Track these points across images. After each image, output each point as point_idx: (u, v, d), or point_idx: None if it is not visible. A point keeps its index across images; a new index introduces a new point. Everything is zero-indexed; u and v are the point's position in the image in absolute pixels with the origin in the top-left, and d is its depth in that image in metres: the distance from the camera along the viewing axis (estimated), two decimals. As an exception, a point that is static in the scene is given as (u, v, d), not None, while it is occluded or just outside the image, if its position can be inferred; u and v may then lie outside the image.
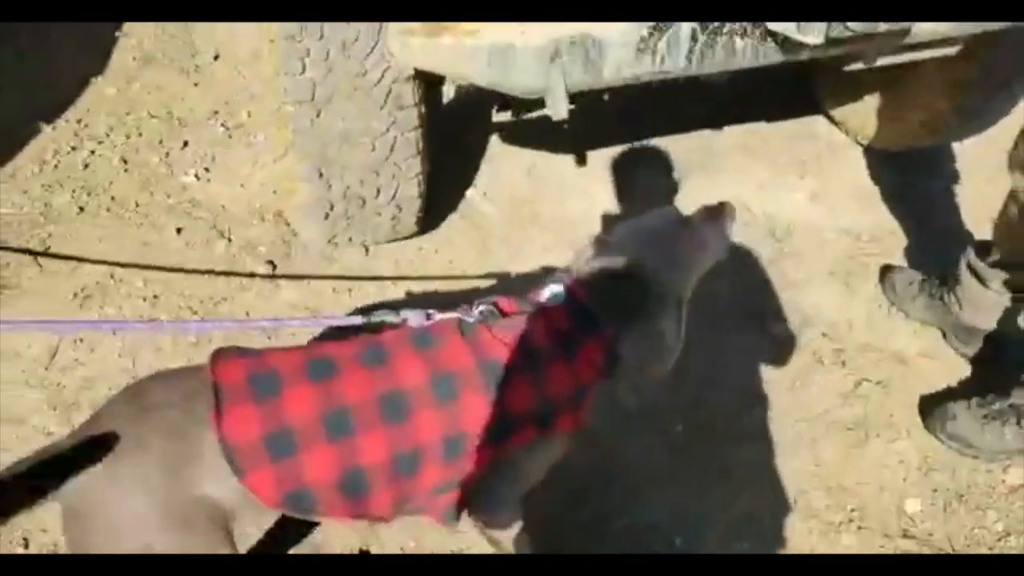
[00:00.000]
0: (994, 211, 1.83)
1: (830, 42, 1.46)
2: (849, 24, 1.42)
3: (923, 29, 1.55)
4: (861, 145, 2.56)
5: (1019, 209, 1.68)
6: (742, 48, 1.54)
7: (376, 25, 1.67)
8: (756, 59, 1.57)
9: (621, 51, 1.49)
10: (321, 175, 1.86)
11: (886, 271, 2.14)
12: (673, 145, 2.59)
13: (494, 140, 2.55)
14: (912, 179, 2.47)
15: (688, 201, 2.28)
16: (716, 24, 1.50)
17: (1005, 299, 1.84)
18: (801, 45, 1.48)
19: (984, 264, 1.83)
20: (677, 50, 1.51)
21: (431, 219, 2.19)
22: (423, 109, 1.82)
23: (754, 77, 1.81)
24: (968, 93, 2.14)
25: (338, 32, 1.66)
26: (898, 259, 2.22)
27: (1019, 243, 1.71)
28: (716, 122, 2.63)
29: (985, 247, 1.84)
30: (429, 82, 1.83)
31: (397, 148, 1.83)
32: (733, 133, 2.63)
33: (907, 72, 2.20)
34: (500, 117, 2.06)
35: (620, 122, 2.56)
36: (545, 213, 2.32)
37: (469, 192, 2.37)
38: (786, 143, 2.61)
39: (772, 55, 1.57)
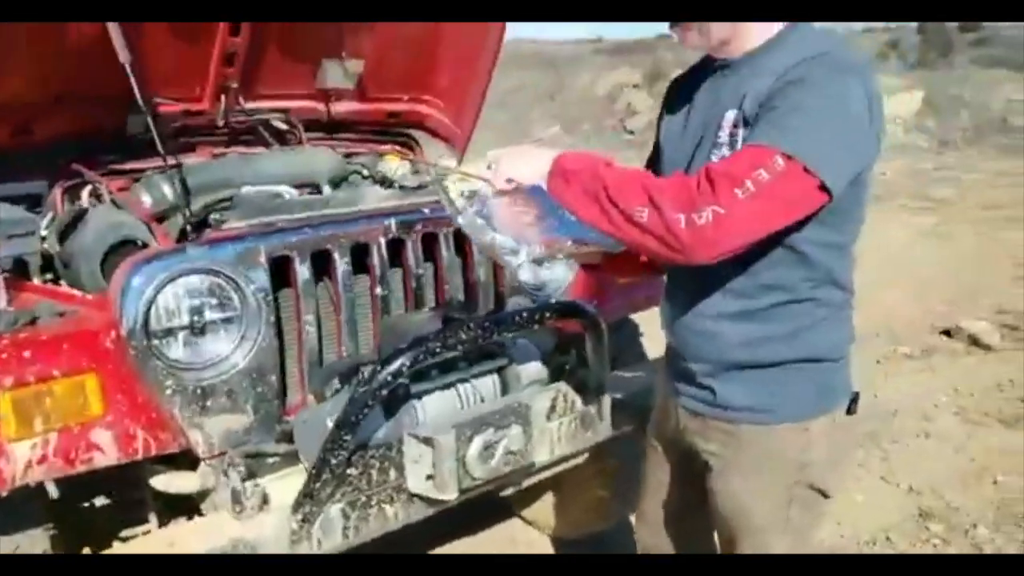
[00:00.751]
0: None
1: (463, 492, 1.68)
2: (475, 477, 1.66)
3: (540, 460, 1.84)
4: (551, 537, 2.79)
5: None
6: (393, 513, 1.69)
7: None
8: (408, 517, 1.73)
9: (275, 548, 1.55)
10: None
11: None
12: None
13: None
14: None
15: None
16: (364, 499, 1.65)
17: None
18: (442, 500, 1.68)
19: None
20: (332, 531, 1.61)
21: None
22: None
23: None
24: (615, 480, 2.50)
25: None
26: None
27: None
28: (427, 545, 2.72)
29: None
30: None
31: None
32: (442, 551, 2.73)
33: (566, 473, 2.54)
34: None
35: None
36: None
37: None
38: (490, 550, 2.75)
39: (422, 511, 1.74)
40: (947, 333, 4.77)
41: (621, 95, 14.55)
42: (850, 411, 1.46)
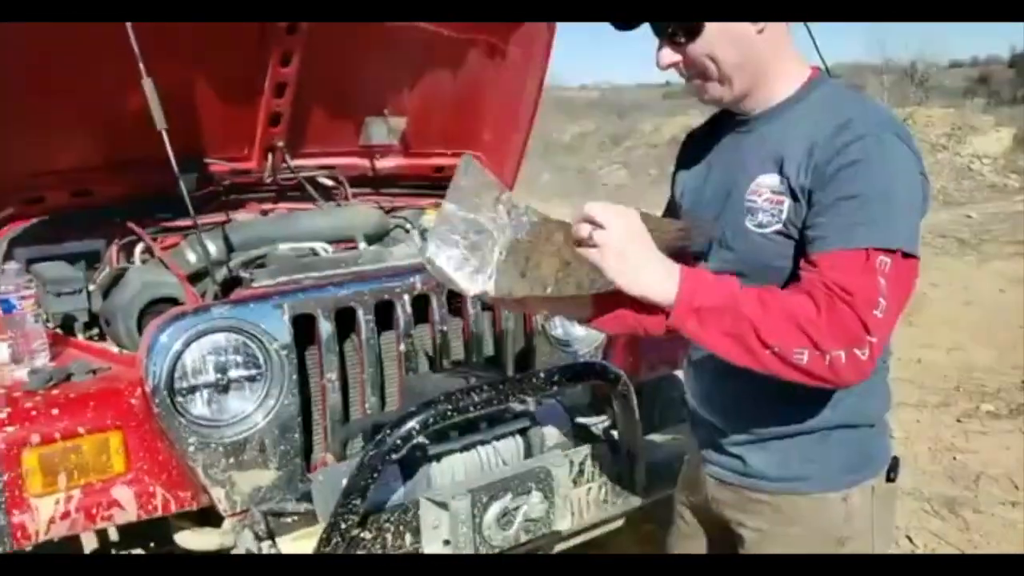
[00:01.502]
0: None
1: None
2: (493, 544, 1.61)
3: (565, 528, 1.77)
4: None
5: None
6: None
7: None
8: None
9: (285, 612, 1.53)
10: None
11: None
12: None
13: None
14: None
15: None
16: None
17: None
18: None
19: None
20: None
21: None
22: None
23: None
24: (656, 547, 2.38)
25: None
26: None
27: None
28: None
29: None
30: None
31: None
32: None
33: (602, 539, 2.44)
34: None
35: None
36: None
37: None
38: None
39: (440, 578, 1.69)
40: (1038, 390, 4.41)
41: (687, 139, 14.43)
42: (890, 478, 1.37)
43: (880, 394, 1.36)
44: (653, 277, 1.13)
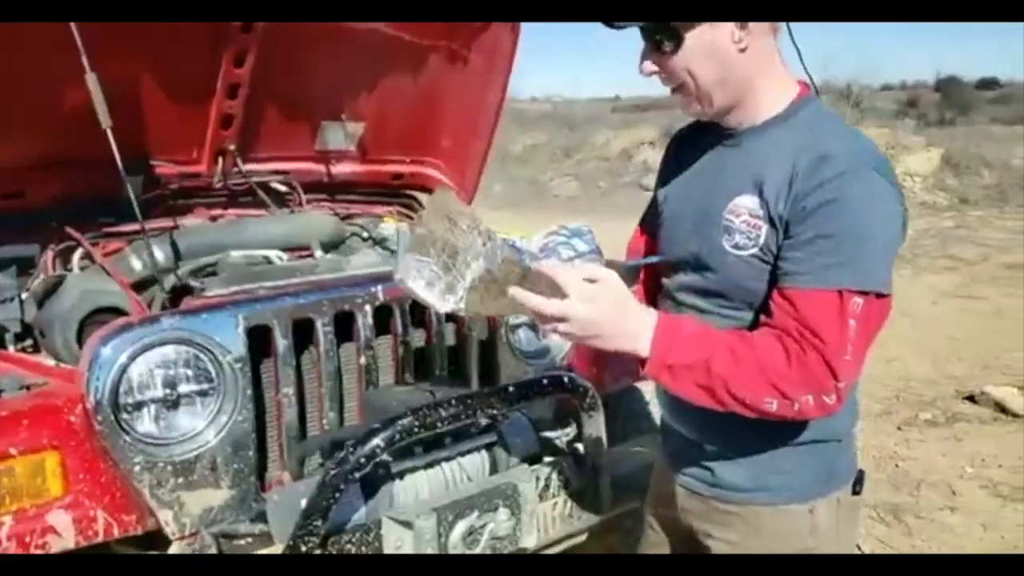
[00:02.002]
0: None
1: None
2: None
3: (531, 545, 1.72)
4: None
5: None
6: None
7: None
8: None
9: (239, 643, 1.44)
10: None
11: None
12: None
13: None
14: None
15: None
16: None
17: None
18: None
19: None
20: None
21: None
22: None
23: None
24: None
25: None
26: None
27: None
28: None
29: None
30: None
31: None
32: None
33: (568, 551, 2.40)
34: None
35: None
36: None
37: None
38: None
39: None
40: (971, 399, 4.57)
41: (637, 152, 14.67)
42: (855, 491, 1.39)
43: (849, 411, 1.37)
44: (624, 341, 1.16)
